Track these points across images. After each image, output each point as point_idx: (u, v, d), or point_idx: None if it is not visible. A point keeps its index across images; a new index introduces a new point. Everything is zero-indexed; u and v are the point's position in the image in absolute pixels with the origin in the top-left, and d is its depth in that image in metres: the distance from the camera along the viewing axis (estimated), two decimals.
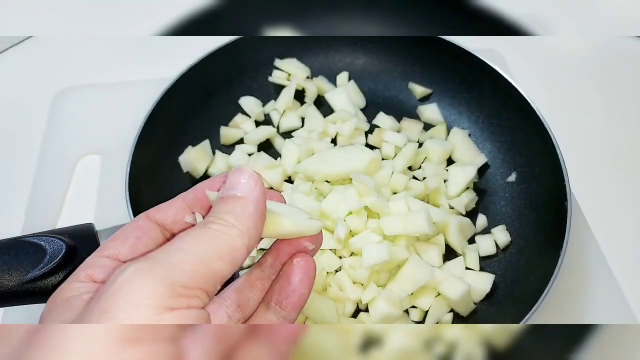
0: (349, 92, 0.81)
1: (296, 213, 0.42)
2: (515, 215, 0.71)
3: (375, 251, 0.61)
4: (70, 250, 0.56)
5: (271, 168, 0.73)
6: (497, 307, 0.65)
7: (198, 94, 0.79)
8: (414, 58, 0.83)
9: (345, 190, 0.67)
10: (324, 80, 0.83)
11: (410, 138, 0.77)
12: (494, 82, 0.75)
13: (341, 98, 0.80)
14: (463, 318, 0.65)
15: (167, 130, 0.75)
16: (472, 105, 0.79)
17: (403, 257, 0.63)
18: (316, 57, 0.85)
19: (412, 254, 0.65)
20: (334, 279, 0.65)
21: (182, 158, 0.75)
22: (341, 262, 0.66)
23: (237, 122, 0.80)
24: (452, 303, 0.64)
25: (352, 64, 0.85)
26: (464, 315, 0.65)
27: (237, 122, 0.80)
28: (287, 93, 0.80)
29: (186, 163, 0.75)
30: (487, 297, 0.65)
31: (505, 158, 0.76)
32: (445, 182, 0.73)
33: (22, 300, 0.55)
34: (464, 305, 0.64)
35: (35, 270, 0.54)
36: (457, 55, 0.78)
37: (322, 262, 0.65)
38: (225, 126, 0.80)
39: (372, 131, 0.78)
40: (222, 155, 0.77)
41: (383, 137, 0.76)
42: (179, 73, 0.76)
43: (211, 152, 0.77)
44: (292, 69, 0.82)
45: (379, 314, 0.61)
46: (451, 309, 0.65)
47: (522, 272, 0.66)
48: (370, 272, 0.63)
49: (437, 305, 0.64)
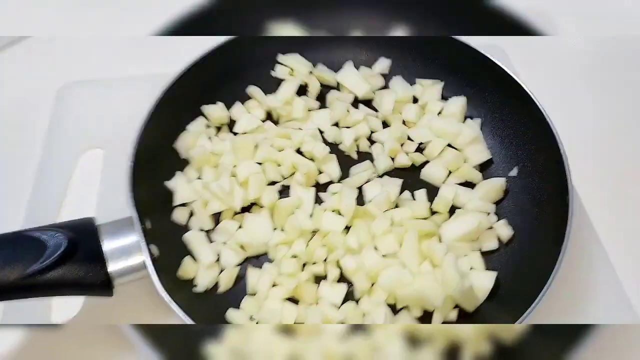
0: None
1: None
2: (517, 210, 0.71)
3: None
4: (71, 244, 0.56)
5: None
6: (498, 304, 0.64)
7: (200, 90, 0.79)
8: (416, 53, 0.83)
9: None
10: (326, 70, 0.83)
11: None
12: (497, 77, 0.75)
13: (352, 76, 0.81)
14: (468, 316, 0.64)
15: (169, 124, 0.75)
16: (474, 100, 0.79)
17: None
18: (318, 54, 0.85)
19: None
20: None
21: (179, 144, 0.75)
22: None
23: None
24: (457, 298, 0.63)
25: (355, 60, 0.85)
26: (470, 311, 0.64)
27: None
28: (289, 86, 0.80)
29: (184, 148, 0.75)
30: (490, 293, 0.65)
31: (508, 153, 0.75)
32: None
33: (23, 294, 0.55)
34: (468, 300, 0.64)
35: (36, 265, 0.54)
36: (460, 50, 0.78)
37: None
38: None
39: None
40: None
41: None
42: (182, 68, 0.76)
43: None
44: (294, 64, 0.82)
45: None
46: (456, 304, 0.64)
47: (524, 267, 0.66)
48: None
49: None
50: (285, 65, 0.82)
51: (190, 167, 0.75)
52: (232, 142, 0.74)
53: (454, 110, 0.78)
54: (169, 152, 0.75)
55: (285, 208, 0.69)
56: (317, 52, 0.85)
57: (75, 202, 0.75)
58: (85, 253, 0.56)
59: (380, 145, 0.77)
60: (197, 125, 0.77)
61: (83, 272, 0.56)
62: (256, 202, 0.72)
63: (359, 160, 0.77)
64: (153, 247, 0.62)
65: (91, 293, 0.58)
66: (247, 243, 0.68)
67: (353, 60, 0.84)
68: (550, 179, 0.68)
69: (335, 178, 0.75)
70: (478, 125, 0.78)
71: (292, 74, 0.82)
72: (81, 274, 0.56)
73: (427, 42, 0.81)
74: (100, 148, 0.80)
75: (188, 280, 0.67)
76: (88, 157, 0.80)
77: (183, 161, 0.76)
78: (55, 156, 0.79)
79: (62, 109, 0.85)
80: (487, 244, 0.69)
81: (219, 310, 0.66)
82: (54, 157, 0.79)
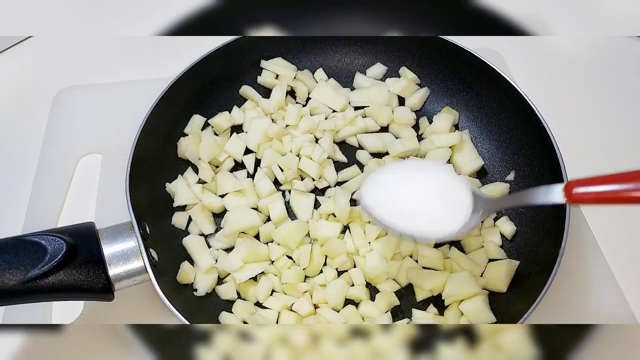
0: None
1: None
2: (514, 215, 0.72)
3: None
4: (71, 249, 0.56)
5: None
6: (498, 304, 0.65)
7: (198, 94, 0.79)
8: (412, 57, 0.83)
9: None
10: (309, 75, 0.84)
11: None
12: (493, 81, 0.75)
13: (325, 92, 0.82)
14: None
15: (167, 129, 0.76)
16: (470, 104, 0.79)
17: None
18: (316, 57, 0.85)
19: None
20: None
21: (179, 148, 0.76)
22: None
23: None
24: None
25: (352, 64, 0.85)
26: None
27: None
28: (279, 91, 0.80)
29: (183, 150, 0.76)
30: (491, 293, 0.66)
31: (504, 157, 0.76)
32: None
33: (23, 298, 0.55)
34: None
35: (36, 269, 0.54)
36: (455, 54, 0.78)
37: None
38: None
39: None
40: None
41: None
42: (179, 73, 0.76)
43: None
44: (278, 69, 0.83)
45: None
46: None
47: (522, 269, 0.67)
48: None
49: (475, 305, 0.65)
50: (269, 70, 0.83)
51: (189, 171, 0.76)
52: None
53: (443, 123, 0.78)
54: (168, 156, 0.76)
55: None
56: (314, 56, 0.85)
57: (75, 206, 0.75)
58: (85, 257, 0.57)
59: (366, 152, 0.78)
60: (196, 127, 0.78)
61: (83, 277, 0.56)
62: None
63: (348, 164, 0.78)
64: (152, 251, 0.62)
65: (91, 297, 0.58)
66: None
67: (349, 64, 0.85)
68: (547, 183, 0.68)
69: (332, 182, 0.75)
70: (467, 135, 0.78)
71: (278, 78, 0.83)
72: (81, 279, 0.56)
73: (423, 47, 0.81)
74: (99, 153, 0.80)
75: (188, 284, 0.67)
76: (87, 162, 0.80)
77: (182, 165, 0.76)
78: (54, 161, 0.79)
79: (60, 113, 0.85)
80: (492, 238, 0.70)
81: (219, 313, 0.66)
82: (52, 162, 0.79)
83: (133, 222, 0.61)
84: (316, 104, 0.81)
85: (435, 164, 0.56)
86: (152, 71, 0.87)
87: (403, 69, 0.83)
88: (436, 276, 0.66)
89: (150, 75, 0.86)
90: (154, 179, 0.72)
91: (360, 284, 0.67)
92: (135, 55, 0.94)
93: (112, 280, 0.57)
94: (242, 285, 0.67)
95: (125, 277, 0.58)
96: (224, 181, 0.74)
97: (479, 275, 0.67)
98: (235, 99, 0.82)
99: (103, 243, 0.58)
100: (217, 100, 0.81)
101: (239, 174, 0.76)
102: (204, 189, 0.73)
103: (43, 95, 0.87)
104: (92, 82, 0.88)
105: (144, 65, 0.92)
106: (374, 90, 0.80)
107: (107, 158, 0.80)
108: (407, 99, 0.81)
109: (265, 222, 0.72)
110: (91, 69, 0.92)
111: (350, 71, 0.85)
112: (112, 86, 0.87)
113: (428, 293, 0.67)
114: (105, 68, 0.92)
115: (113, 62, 0.94)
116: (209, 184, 0.74)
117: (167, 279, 0.63)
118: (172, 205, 0.72)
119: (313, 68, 0.85)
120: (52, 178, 0.78)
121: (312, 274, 0.69)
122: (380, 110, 0.79)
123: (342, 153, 0.78)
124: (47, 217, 0.74)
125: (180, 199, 0.72)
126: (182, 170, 0.75)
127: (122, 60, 0.94)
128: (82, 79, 0.89)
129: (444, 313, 0.66)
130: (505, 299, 0.66)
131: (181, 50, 0.80)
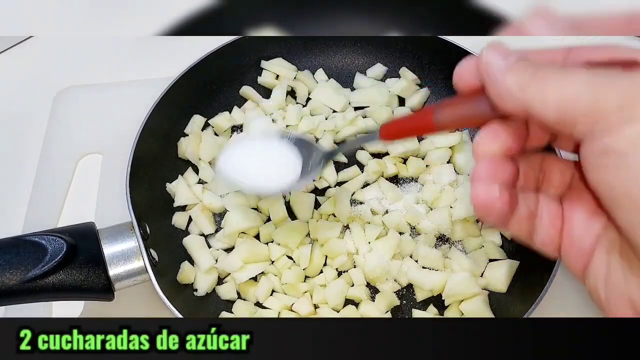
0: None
1: None
2: None
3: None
4: (71, 249, 0.56)
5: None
6: (499, 303, 0.65)
7: (198, 94, 0.80)
8: (412, 58, 0.83)
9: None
10: (310, 76, 0.84)
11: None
12: None
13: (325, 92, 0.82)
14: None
15: (167, 129, 0.76)
16: None
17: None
18: (316, 58, 0.85)
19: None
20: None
21: (179, 149, 0.76)
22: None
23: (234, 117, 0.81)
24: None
25: (352, 65, 0.85)
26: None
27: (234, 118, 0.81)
28: (279, 91, 0.81)
29: (184, 150, 0.76)
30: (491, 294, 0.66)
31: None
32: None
33: (23, 298, 0.55)
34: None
35: (37, 269, 0.54)
36: (456, 54, 0.78)
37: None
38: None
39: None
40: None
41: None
42: (179, 73, 0.76)
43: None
44: (279, 69, 0.83)
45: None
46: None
47: (522, 270, 0.67)
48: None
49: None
50: (270, 70, 0.83)
51: (189, 171, 0.76)
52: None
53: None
54: (168, 156, 0.76)
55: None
56: (314, 57, 0.85)
57: (75, 206, 0.75)
58: (85, 257, 0.57)
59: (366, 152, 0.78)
60: (196, 127, 0.78)
61: (83, 277, 0.56)
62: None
63: (348, 164, 0.78)
64: (153, 251, 0.62)
65: (92, 297, 0.58)
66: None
67: (349, 65, 0.85)
68: None
69: (332, 182, 0.75)
70: (467, 135, 0.78)
71: (278, 79, 0.83)
72: (81, 278, 0.56)
73: (423, 47, 0.81)
74: (99, 153, 0.80)
75: (188, 284, 0.67)
76: (87, 162, 0.80)
77: (182, 165, 0.76)
78: (54, 161, 0.80)
79: (60, 113, 0.85)
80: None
81: (219, 313, 0.66)
82: (53, 163, 0.79)
83: (133, 222, 0.61)
84: (316, 104, 0.81)
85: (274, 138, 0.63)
86: (152, 71, 0.87)
87: (403, 70, 0.83)
88: (436, 276, 0.66)
89: (150, 75, 0.86)
90: (154, 179, 0.72)
91: (361, 284, 0.67)
92: (135, 55, 0.94)
93: (112, 280, 0.57)
94: (242, 285, 0.67)
95: (126, 277, 0.58)
96: None
97: (479, 275, 0.67)
98: (236, 99, 0.82)
99: (103, 243, 0.58)
100: (217, 101, 0.81)
101: None
102: (205, 189, 0.73)
103: (43, 95, 0.87)
104: (92, 82, 0.88)
105: (144, 65, 0.92)
106: (374, 90, 0.80)
107: (107, 158, 0.80)
108: (407, 99, 0.81)
109: (265, 222, 0.72)
110: (91, 69, 0.92)
111: (351, 71, 0.85)
112: (112, 86, 0.87)
113: (428, 293, 0.67)
114: (105, 68, 0.92)
115: (113, 62, 0.93)
116: (209, 184, 0.74)
117: (167, 279, 0.63)
118: (172, 206, 0.73)
119: (313, 68, 0.85)
120: (52, 178, 0.78)
121: (312, 274, 0.69)
122: (380, 111, 0.79)
123: (342, 153, 0.78)
124: (47, 217, 0.74)
125: (181, 199, 0.72)
126: (183, 170, 0.75)
127: (122, 60, 0.94)
128: (82, 79, 0.89)
129: (444, 313, 0.66)
130: (505, 299, 0.66)
131: (181, 50, 0.80)
